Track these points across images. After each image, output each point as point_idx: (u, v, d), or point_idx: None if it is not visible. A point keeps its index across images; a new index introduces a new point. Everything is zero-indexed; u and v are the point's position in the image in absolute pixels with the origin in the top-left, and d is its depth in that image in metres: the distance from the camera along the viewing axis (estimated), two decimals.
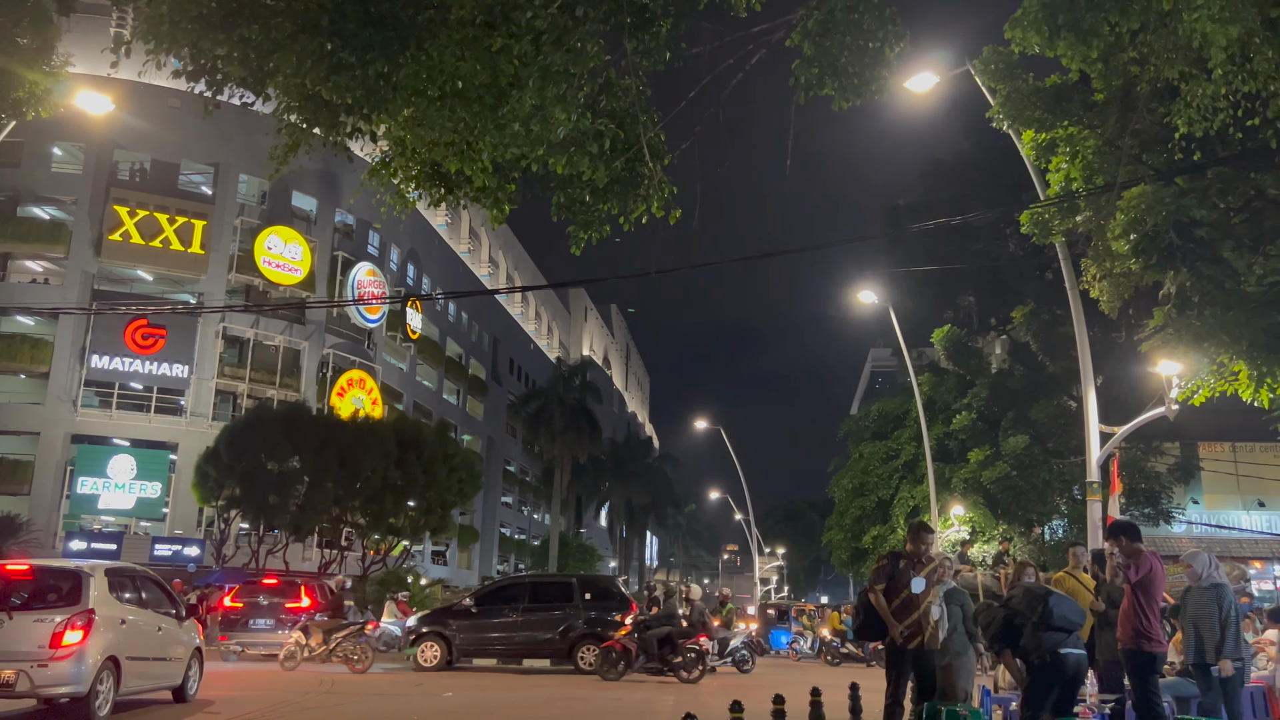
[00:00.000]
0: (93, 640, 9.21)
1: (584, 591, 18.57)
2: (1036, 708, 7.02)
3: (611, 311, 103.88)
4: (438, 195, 6.75)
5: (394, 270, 49.90)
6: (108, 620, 9.58)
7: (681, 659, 16.48)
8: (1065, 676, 7.07)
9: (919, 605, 7.65)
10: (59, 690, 9.07)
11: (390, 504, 33.17)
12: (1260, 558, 31.49)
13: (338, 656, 17.31)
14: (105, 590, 9.77)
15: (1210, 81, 7.77)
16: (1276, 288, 11.81)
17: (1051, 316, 26.39)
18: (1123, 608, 7.66)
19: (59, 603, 9.40)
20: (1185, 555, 8.84)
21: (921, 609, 7.65)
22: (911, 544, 7.99)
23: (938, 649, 7.74)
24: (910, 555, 7.89)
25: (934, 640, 7.69)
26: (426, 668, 17.65)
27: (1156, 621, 7.52)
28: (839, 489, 35.19)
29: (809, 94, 6.28)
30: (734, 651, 18.57)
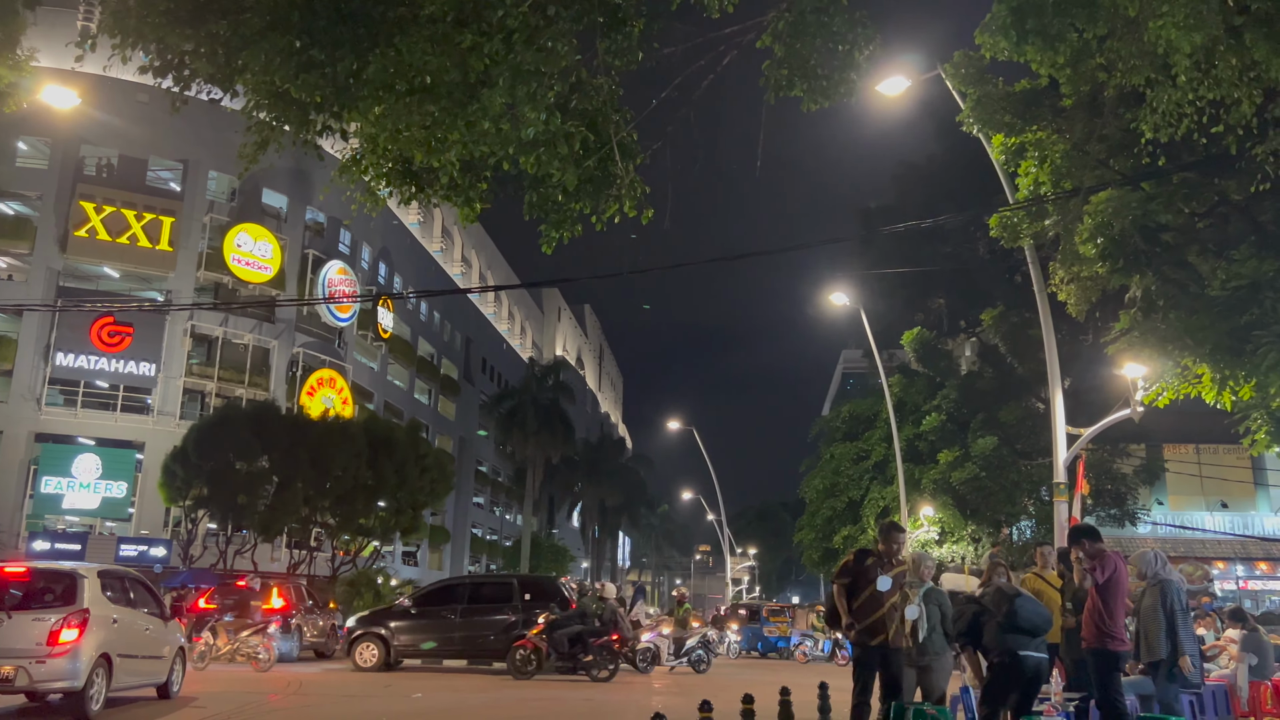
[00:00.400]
0: (87, 638, 9.71)
1: (524, 592, 18.50)
2: (994, 706, 7.06)
3: (585, 312, 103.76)
4: (408, 193, 6.71)
5: (365, 269, 49.58)
6: (101, 620, 10.05)
7: (592, 658, 16.40)
8: (1024, 678, 7.10)
9: (883, 604, 7.63)
10: (56, 685, 9.56)
11: (360, 504, 32.95)
12: (1223, 558, 31.95)
13: (241, 655, 17.49)
14: (98, 591, 10.26)
15: (1175, 88, 7.88)
16: (1239, 292, 11.99)
17: (1020, 319, 26.66)
18: (1087, 607, 7.74)
19: (55, 603, 9.92)
20: (1133, 556, 8.96)
21: (885, 608, 7.63)
22: (882, 544, 8.00)
23: (903, 648, 7.72)
24: (880, 554, 7.90)
25: (899, 639, 7.66)
26: (364, 668, 17.62)
27: (1121, 621, 7.60)
28: (810, 489, 35.35)
29: (779, 95, 6.30)
30: (689, 651, 18.53)
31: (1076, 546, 7.99)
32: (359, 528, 34.11)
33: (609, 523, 72.80)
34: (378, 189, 7.03)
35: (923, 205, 28.55)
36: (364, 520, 33.79)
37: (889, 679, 7.72)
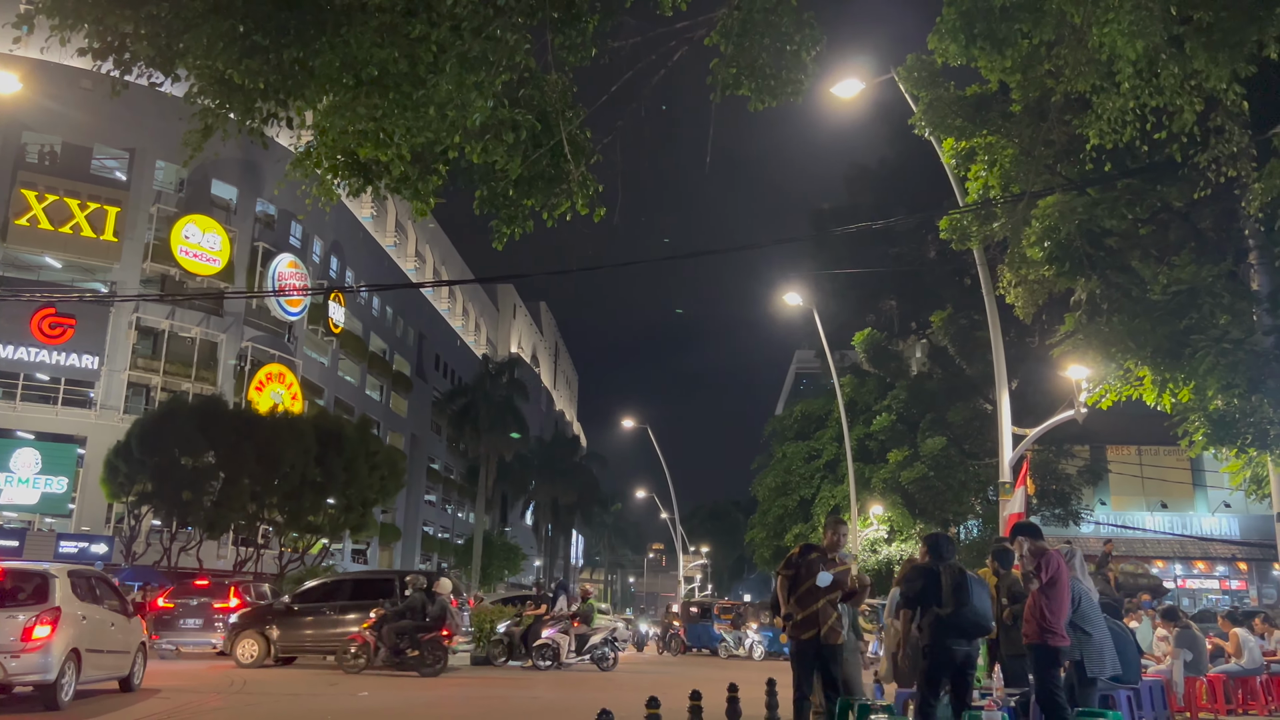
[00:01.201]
0: (59, 634, 10.39)
1: (403, 586, 18.49)
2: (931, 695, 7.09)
3: (541, 309, 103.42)
4: (357, 185, 6.61)
5: (317, 263, 48.91)
6: (70, 617, 10.72)
7: (419, 653, 16.45)
8: (954, 666, 7.11)
9: (819, 599, 7.66)
10: (29, 678, 10.21)
11: (309, 501, 32.53)
12: (1162, 557, 32.71)
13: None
14: (69, 590, 10.96)
15: (1119, 95, 8.03)
16: (1179, 297, 12.29)
17: (969, 321, 27.05)
18: (1028, 605, 7.84)
19: (28, 601, 10.59)
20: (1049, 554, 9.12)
21: (820, 603, 7.65)
22: (828, 536, 8.04)
23: (837, 644, 7.74)
24: (824, 549, 7.92)
25: (831, 635, 7.68)
26: (245, 664, 17.59)
27: (1062, 618, 7.71)
28: (762, 488, 35.58)
29: (725, 93, 6.31)
30: (593, 649, 18.42)
31: (1018, 544, 8.10)
32: (307, 525, 33.67)
33: (562, 521, 72.61)
34: (330, 183, 6.93)
35: (875, 207, 28.88)
36: (312, 517, 33.36)
37: (825, 674, 7.73)
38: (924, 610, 7.23)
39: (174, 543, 32.13)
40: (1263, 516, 23.73)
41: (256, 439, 30.72)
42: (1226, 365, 11.43)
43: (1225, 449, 12.52)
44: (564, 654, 18.17)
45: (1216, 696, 13.48)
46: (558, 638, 18.27)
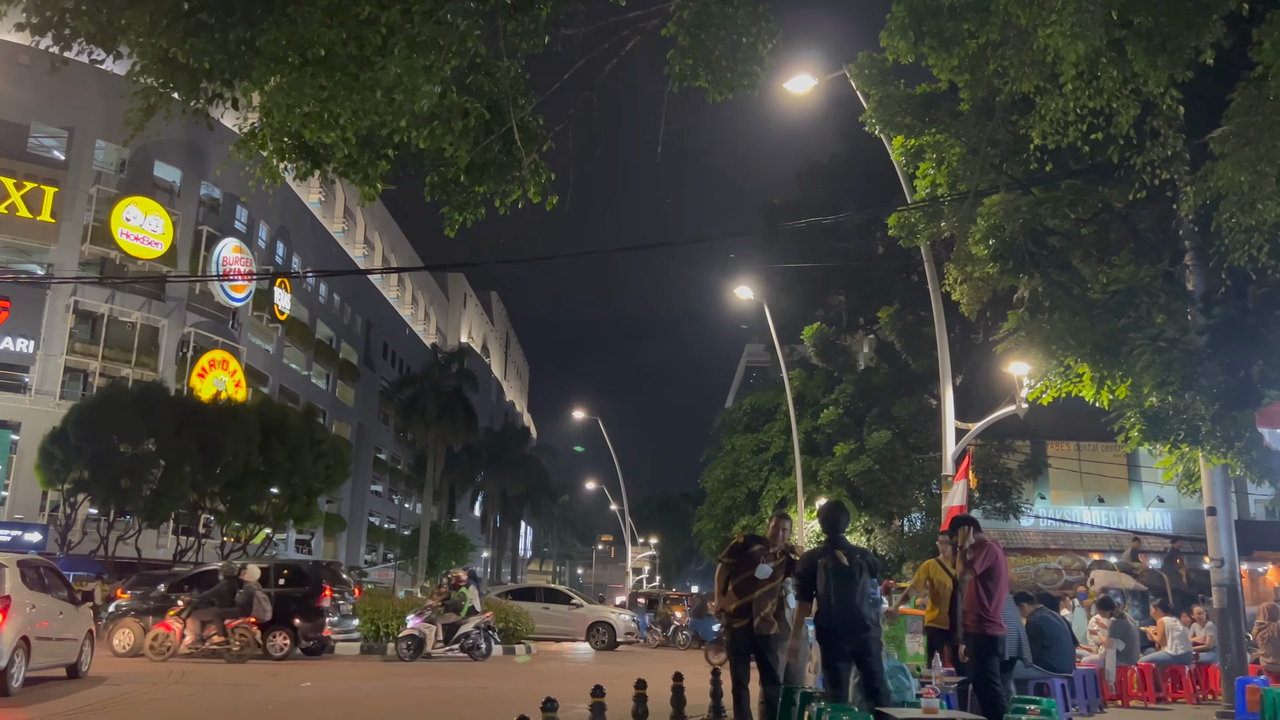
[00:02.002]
0: (9, 623, 10.65)
1: (278, 577, 18.75)
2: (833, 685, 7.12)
3: (492, 299, 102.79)
4: (304, 168, 6.52)
5: (262, 248, 48.10)
6: (20, 606, 10.98)
7: (225, 639, 16.66)
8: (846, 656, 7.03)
9: (756, 590, 7.71)
10: None
11: (252, 490, 32.04)
12: (1099, 550, 33.43)
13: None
14: (19, 580, 11.21)
15: (1062, 96, 8.21)
16: (1118, 296, 12.59)
17: (915, 317, 27.41)
18: (968, 595, 7.99)
19: None
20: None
21: (757, 594, 7.69)
22: (770, 530, 8.12)
23: (771, 634, 7.74)
24: (767, 541, 7.99)
25: (765, 625, 7.69)
26: (121, 653, 17.48)
27: (1000, 607, 7.87)
28: (711, 480, 35.73)
29: (683, 84, 6.33)
30: (463, 638, 18.36)
31: (963, 534, 8.25)
32: (250, 514, 33.18)
33: (511, 512, 72.35)
34: (275, 164, 6.82)
35: (825, 203, 29.11)
36: (255, 507, 32.87)
37: (761, 664, 7.77)
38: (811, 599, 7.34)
39: (111, 532, 31.44)
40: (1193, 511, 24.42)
41: (198, 427, 30.19)
42: (1161, 363, 11.73)
43: (1159, 445, 12.84)
44: (429, 644, 18.06)
45: (1146, 685, 13.88)
46: (423, 628, 18.20)
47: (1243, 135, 9.07)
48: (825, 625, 7.20)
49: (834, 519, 7.49)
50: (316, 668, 16.20)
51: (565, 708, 7.74)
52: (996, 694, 7.51)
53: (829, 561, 7.17)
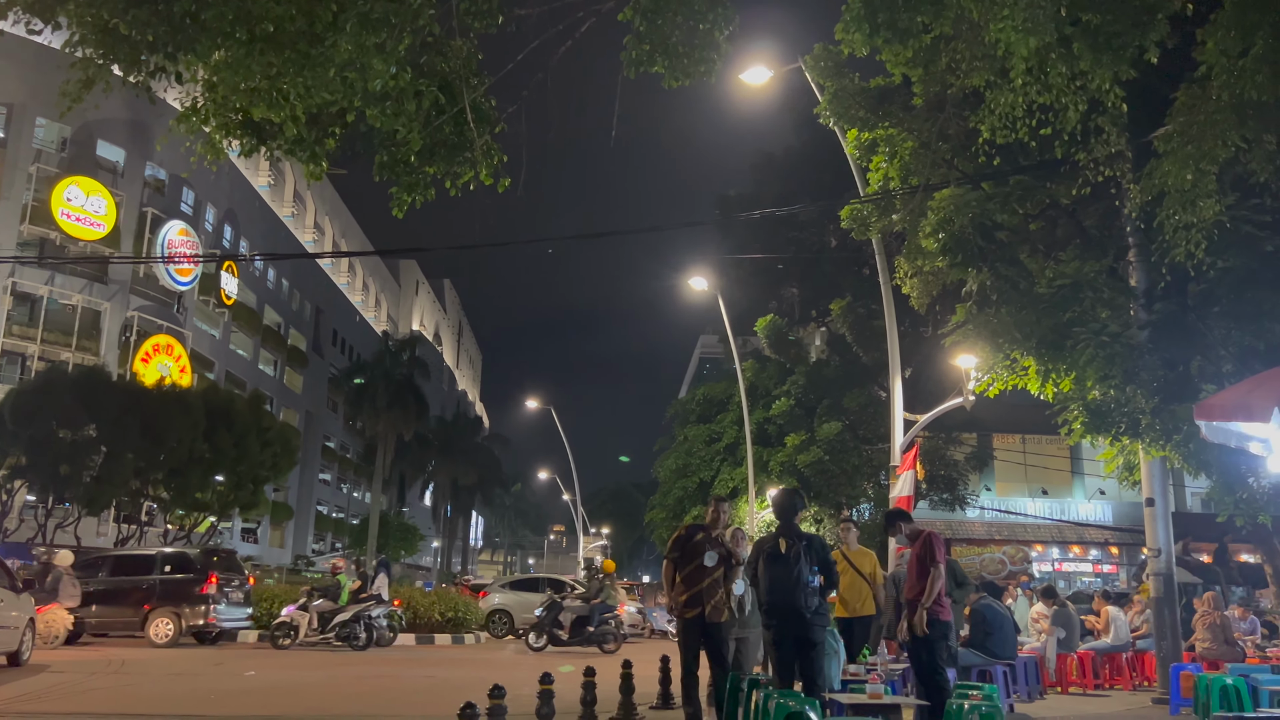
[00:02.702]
0: None
1: (164, 565, 18.81)
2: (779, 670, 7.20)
3: (445, 286, 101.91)
4: (249, 145, 6.37)
5: (209, 231, 47.15)
6: None
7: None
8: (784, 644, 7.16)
9: (704, 579, 7.70)
10: None
11: (196, 478, 31.43)
12: (1042, 541, 34.16)
13: None
14: None
15: (1011, 90, 8.31)
16: (1063, 291, 12.78)
17: (866, 310, 27.69)
18: (910, 584, 8.06)
19: None
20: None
21: (706, 582, 7.68)
22: (709, 516, 8.10)
23: (722, 621, 7.76)
24: (709, 529, 7.97)
25: (716, 613, 7.70)
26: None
27: (942, 592, 7.96)
28: (663, 470, 35.86)
29: (638, 70, 6.29)
30: (339, 626, 18.19)
31: (893, 529, 8.34)
32: (194, 502, 32.56)
33: (462, 502, 71.92)
34: (219, 141, 6.65)
35: (780, 195, 29.25)
36: (200, 494, 32.26)
37: (711, 652, 7.76)
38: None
39: (50, 519, 30.69)
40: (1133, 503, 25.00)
41: (141, 412, 29.52)
42: (1104, 357, 11.95)
43: (1101, 437, 13.09)
44: (303, 632, 17.95)
45: (1085, 672, 14.21)
46: (296, 615, 18.10)
47: (1185, 134, 9.26)
48: (765, 612, 7.33)
49: (784, 505, 7.56)
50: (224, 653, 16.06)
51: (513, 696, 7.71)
52: (942, 682, 7.61)
53: (769, 547, 7.27)
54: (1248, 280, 11.01)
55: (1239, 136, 8.90)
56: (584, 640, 18.64)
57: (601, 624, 18.82)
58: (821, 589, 7.25)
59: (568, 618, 18.97)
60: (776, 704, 5.98)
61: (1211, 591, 14.40)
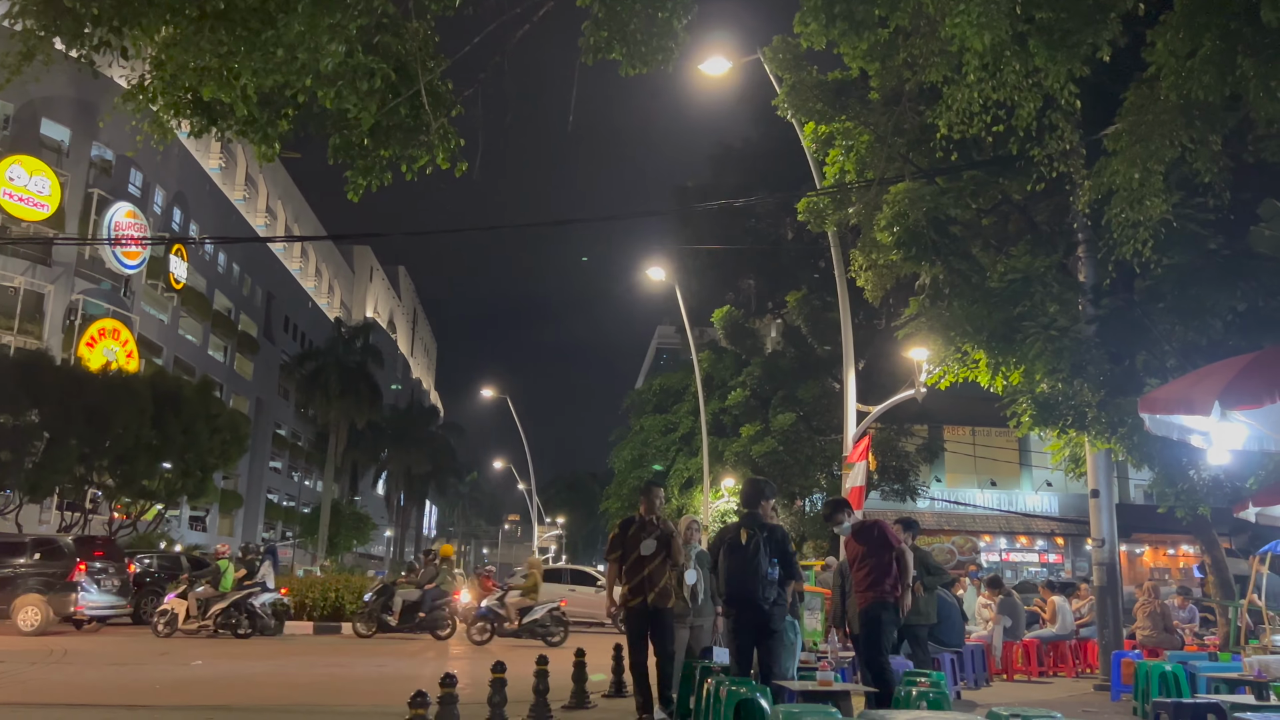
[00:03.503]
0: None
1: (34, 552, 18.76)
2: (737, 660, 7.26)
3: (399, 274, 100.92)
4: (198, 125, 6.23)
5: (158, 213, 46.17)
6: None
7: None
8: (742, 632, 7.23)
9: (644, 567, 7.66)
10: None
11: (143, 465, 30.84)
12: (990, 531, 34.74)
13: None
14: None
15: (966, 86, 8.40)
16: (1014, 285, 12.98)
17: (822, 302, 27.92)
18: (863, 572, 8.12)
19: None
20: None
21: (646, 570, 7.64)
22: (644, 503, 7.99)
23: (666, 608, 7.71)
24: (642, 518, 7.89)
25: (660, 600, 7.65)
26: None
27: (891, 579, 8.02)
28: (619, 460, 35.91)
29: (597, 57, 6.25)
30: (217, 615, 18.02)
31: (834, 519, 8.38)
32: (141, 490, 31.96)
33: (416, 491, 71.42)
34: (167, 120, 6.49)
35: (738, 187, 29.37)
36: (147, 482, 31.68)
37: (658, 640, 7.70)
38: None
39: None
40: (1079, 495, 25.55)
41: (86, 398, 28.87)
42: (1053, 351, 12.16)
43: (1049, 430, 13.33)
44: (181, 620, 17.80)
45: (1030, 660, 14.49)
46: (174, 603, 17.95)
47: (1134, 133, 9.43)
48: (725, 601, 7.36)
49: (749, 494, 7.64)
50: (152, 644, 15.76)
51: (464, 685, 7.68)
52: (885, 667, 7.70)
53: (730, 537, 7.31)
54: (1191, 277, 11.26)
55: (1186, 137, 9.09)
56: (414, 627, 18.25)
57: (433, 610, 18.37)
58: (781, 580, 7.29)
59: (398, 603, 18.42)
60: (729, 691, 6.01)
61: (1151, 581, 14.74)
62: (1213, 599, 15.78)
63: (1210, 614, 16.77)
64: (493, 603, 18.19)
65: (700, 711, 6.92)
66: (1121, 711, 10.11)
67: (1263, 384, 6.81)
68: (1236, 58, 7.49)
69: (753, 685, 6.15)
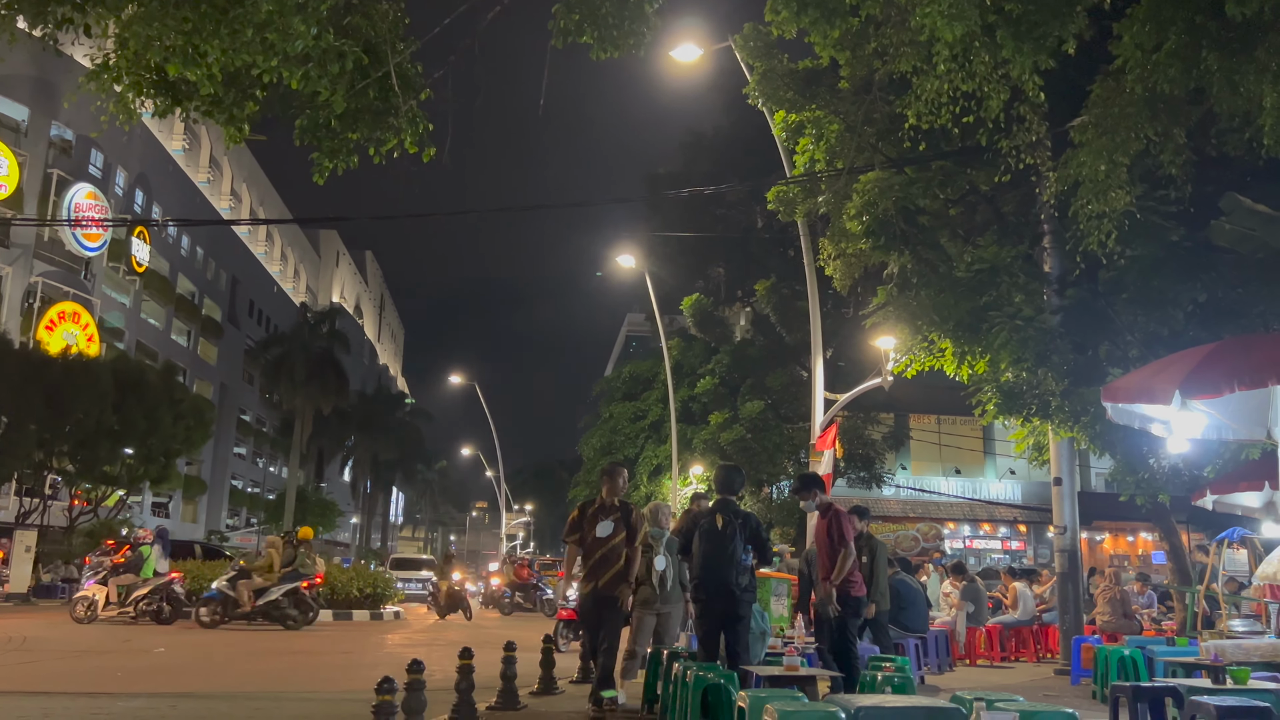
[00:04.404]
0: None
1: None
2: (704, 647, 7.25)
3: (366, 258, 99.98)
4: (163, 105, 6.11)
5: (120, 195, 45.39)
6: None
7: None
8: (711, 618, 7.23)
9: (600, 548, 7.53)
10: None
11: (105, 450, 30.44)
12: (954, 519, 35.13)
13: None
14: None
15: (936, 77, 8.46)
16: (980, 275, 13.10)
17: (791, 291, 28.02)
18: (824, 561, 8.15)
19: None
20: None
21: (600, 553, 7.50)
22: (605, 486, 7.84)
23: (618, 595, 7.57)
24: (601, 502, 7.75)
25: (612, 585, 7.51)
26: None
27: (855, 567, 8.09)
28: (588, 447, 35.89)
29: (567, 40, 6.22)
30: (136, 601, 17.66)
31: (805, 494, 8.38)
32: (102, 475, 31.55)
33: (382, 478, 71.01)
34: (131, 101, 6.36)
35: (708, 175, 29.35)
36: (108, 468, 31.27)
37: (607, 621, 7.57)
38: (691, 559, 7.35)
39: None
40: (1042, 483, 25.87)
41: (46, 382, 28.43)
42: (1018, 340, 12.29)
43: (1013, 418, 13.49)
44: (100, 606, 17.65)
45: (993, 645, 14.70)
46: (94, 589, 17.82)
47: (1100, 125, 9.54)
48: (696, 586, 7.33)
49: (724, 481, 7.61)
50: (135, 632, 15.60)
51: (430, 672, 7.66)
52: (853, 655, 7.77)
53: (706, 523, 7.29)
54: (1154, 269, 11.43)
55: (1151, 129, 9.21)
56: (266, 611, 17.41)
57: (289, 594, 17.68)
58: (753, 566, 7.34)
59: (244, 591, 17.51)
60: (695, 676, 6.04)
61: (1112, 568, 15.00)
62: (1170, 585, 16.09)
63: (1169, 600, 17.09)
64: (223, 584, 17.40)
65: (667, 697, 6.96)
66: (1081, 695, 10.29)
67: (1222, 374, 6.94)
68: (1201, 51, 7.60)
69: (719, 670, 6.19)
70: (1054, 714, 4.20)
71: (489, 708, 7.78)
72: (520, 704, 8.04)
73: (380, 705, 5.28)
